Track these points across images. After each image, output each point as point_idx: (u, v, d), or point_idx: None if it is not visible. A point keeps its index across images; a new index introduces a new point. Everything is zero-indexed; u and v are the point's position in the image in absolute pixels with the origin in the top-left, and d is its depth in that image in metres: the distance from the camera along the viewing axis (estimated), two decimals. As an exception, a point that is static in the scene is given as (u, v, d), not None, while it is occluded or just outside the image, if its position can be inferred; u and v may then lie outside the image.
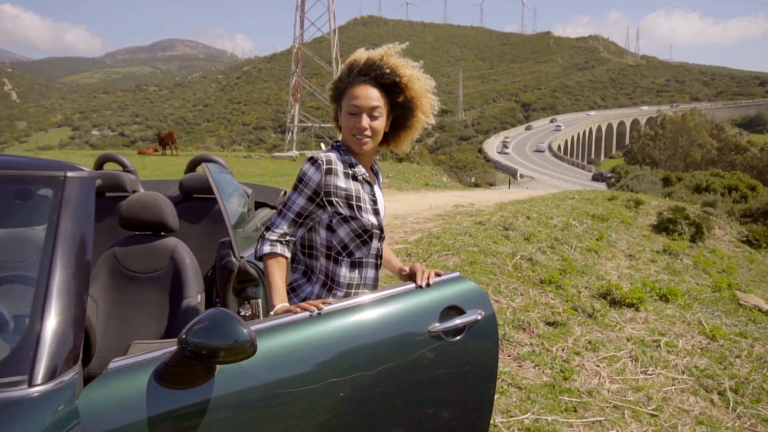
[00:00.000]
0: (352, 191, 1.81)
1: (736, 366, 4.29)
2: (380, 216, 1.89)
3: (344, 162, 1.82)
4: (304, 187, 1.78)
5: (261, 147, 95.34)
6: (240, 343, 1.25)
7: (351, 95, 1.82)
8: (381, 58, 1.86)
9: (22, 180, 1.49)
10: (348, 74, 1.86)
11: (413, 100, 1.88)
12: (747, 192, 22.71)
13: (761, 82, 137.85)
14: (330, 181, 1.77)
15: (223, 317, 1.28)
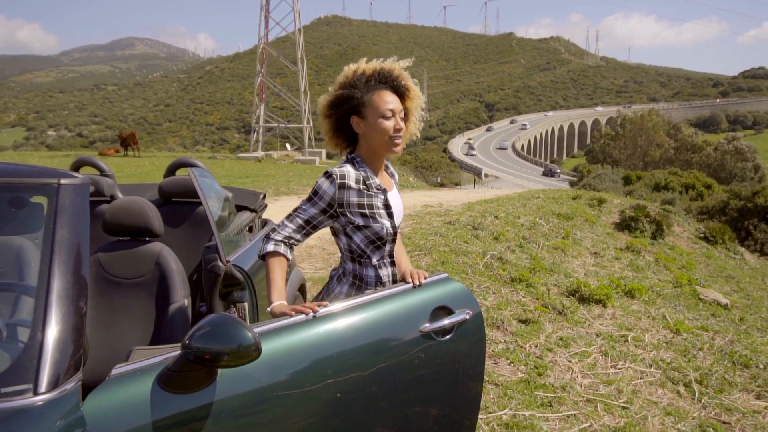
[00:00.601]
0: (365, 203, 1.89)
1: (699, 358, 4.46)
2: (394, 219, 1.96)
3: (358, 175, 1.90)
4: (318, 200, 1.87)
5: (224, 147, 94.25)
6: (245, 347, 1.28)
7: (381, 101, 1.90)
8: (393, 69, 1.97)
9: (15, 188, 1.48)
10: (366, 84, 1.93)
11: (411, 111, 1.99)
12: (703, 190, 23.47)
13: (714, 83, 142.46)
14: (343, 194, 1.86)
15: (228, 321, 1.30)
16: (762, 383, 4.09)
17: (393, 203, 1.98)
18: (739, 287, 9.86)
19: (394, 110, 1.91)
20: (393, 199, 2.00)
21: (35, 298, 1.32)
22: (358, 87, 1.94)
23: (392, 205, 1.96)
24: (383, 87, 1.93)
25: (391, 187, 2.04)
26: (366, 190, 1.91)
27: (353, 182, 1.89)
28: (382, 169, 2.04)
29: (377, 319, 1.72)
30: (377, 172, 1.99)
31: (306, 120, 29.84)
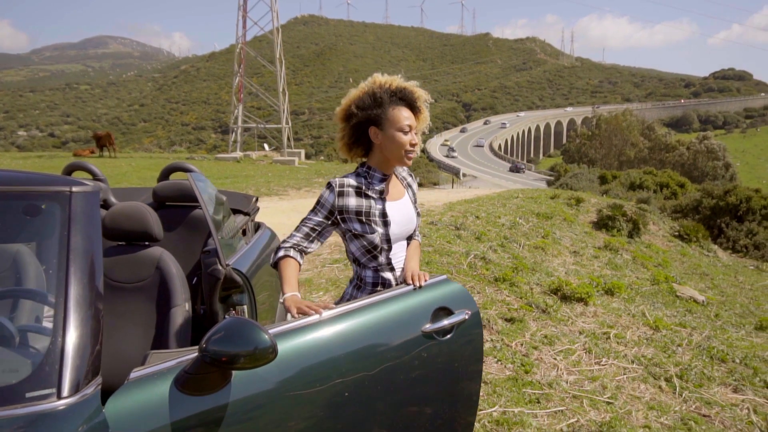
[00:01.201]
0: (363, 210, 2.00)
1: (678, 354, 4.60)
2: (389, 228, 2.04)
3: (360, 183, 2.03)
4: (320, 209, 2.01)
5: (201, 148, 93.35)
6: (262, 349, 1.32)
7: (401, 116, 2.03)
8: (415, 90, 2.09)
9: (29, 196, 1.50)
10: (390, 97, 2.04)
11: (419, 126, 2.12)
12: (677, 189, 23.92)
13: (686, 84, 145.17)
14: (342, 201, 1.99)
15: (244, 324, 1.34)
16: (739, 377, 4.24)
17: (393, 212, 2.06)
18: (713, 284, 10.12)
19: (411, 126, 2.03)
20: (394, 207, 2.08)
21: (54, 304, 1.34)
22: (383, 99, 2.04)
23: (391, 214, 2.05)
24: (403, 103, 2.05)
25: (399, 196, 2.13)
26: (365, 198, 2.02)
27: (353, 190, 2.01)
28: (393, 179, 2.15)
29: (381, 320, 1.77)
30: (387, 181, 2.09)
31: (285, 120, 29.73)
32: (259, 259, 2.80)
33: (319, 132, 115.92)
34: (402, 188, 2.17)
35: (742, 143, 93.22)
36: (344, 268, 6.17)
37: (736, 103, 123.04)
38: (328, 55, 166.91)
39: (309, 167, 24.99)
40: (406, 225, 2.11)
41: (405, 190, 2.18)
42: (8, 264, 1.74)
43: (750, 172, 73.29)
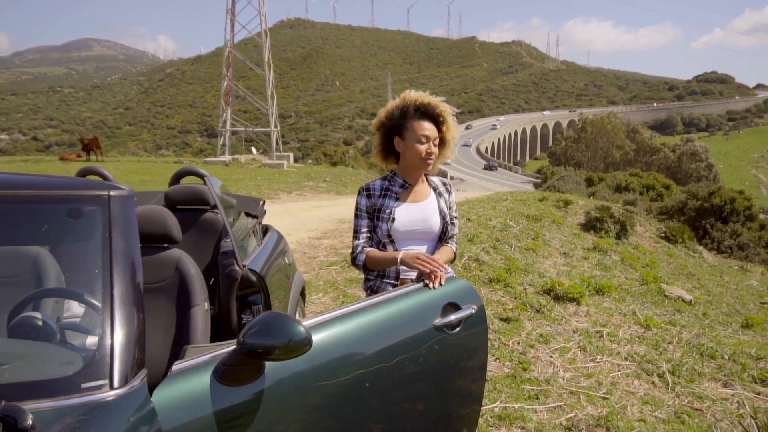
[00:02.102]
0: (377, 205, 2.31)
1: (669, 351, 4.73)
2: (392, 223, 2.28)
3: (383, 184, 2.34)
4: (361, 213, 2.33)
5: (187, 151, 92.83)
6: (298, 341, 1.41)
7: (419, 128, 2.28)
8: (429, 101, 2.32)
9: (71, 199, 1.58)
10: (414, 111, 2.30)
11: (447, 139, 2.34)
12: (662, 191, 24.25)
13: (670, 87, 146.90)
14: (371, 201, 2.32)
15: (280, 318, 1.43)
16: (728, 373, 4.38)
17: (402, 212, 2.29)
18: (700, 284, 10.32)
19: (428, 137, 2.27)
20: (407, 209, 2.31)
21: (101, 302, 1.43)
22: (407, 112, 2.30)
23: (398, 214, 2.29)
24: (424, 117, 2.29)
25: (419, 199, 2.34)
26: (383, 198, 2.31)
27: (377, 190, 2.32)
28: (421, 182, 2.38)
29: (397, 315, 1.89)
30: (413, 184, 2.34)
31: (273, 124, 29.74)
32: (271, 260, 2.89)
33: (306, 135, 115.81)
34: (427, 194, 2.37)
35: (725, 145, 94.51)
36: (341, 270, 6.26)
37: (718, 106, 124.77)
38: (314, 59, 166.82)
39: (298, 171, 25.02)
40: (414, 226, 2.30)
41: (430, 196, 2.37)
42: (29, 266, 1.82)
43: (732, 174, 74.33)
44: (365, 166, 39.44)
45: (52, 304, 1.66)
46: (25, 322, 1.51)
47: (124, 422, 1.26)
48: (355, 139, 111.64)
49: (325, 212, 11.38)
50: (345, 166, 29.62)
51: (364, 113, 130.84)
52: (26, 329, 1.50)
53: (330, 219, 10.18)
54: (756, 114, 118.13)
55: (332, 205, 13.18)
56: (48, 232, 1.59)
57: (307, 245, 7.67)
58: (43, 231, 1.59)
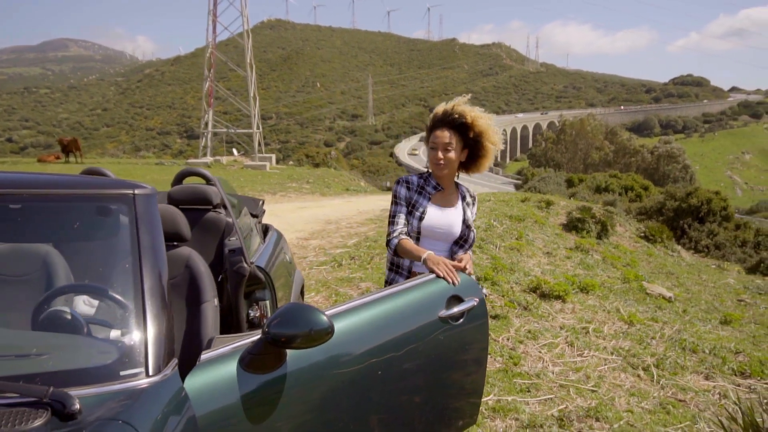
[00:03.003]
0: (413, 200, 2.51)
1: (653, 346, 4.89)
2: (421, 222, 2.48)
3: (420, 181, 2.55)
4: (400, 201, 2.52)
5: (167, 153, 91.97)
6: (320, 329, 1.50)
7: (432, 135, 2.52)
8: (452, 107, 2.50)
9: (100, 198, 1.65)
10: (433, 121, 2.54)
11: (481, 134, 2.46)
12: (641, 191, 24.65)
13: (647, 89, 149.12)
14: (409, 194, 2.53)
15: (303, 308, 1.52)
16: (709, 366, 4.54)
17: (433, 213, 2.49)
18: (679, 282, 10.56)
19: (437, 144, 2.48)
20: (437, 211, 2.51)
21: (133, 295, 1.50)
22: (434, 122, 2.54)
23: (430, 214, 2.48)
24: (440, 125, 2.49)
25: (448, 205, 2.55)
26: (419, 194, 2.51)
27: (415, 185, 2.54)
28: (453, 193, 2.60)
29: (406, 306, 2.00)
30: (444, 187, 2.56)
31: (256, 125, 29.67)
32: (275, 258, 2.96)
33: (287, 137, 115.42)
34: (455, 201, 2.58)
35: (701, 147, 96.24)
36: (331, 269, 6.34)
37: (694, 108, 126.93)
38: (295, 60, 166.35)
39: (281, 172, 25.00)
40: (440, 228, 2.50)
41: (458, 204, 2.58)
42: (39, 264, 1.88)
43: (708, 175, 75.72)
44: (347, 167, 39.50)
45: (62, 300, 1.73)
46: (54, 315, 1.58)
47: (161, 407, 1.33)
48: (336, 141, 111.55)
49: (310, 213, 11.43)
50: (328, 167, 29.66)
51: (345, 114, 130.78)
52: (56, 323, 1.57)
53: (316, 220, 10.24)
54: (730, 116, 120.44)
55: (317, 207, 13.24)
56: (80, 229, 1.66)
57: (296, 246, 7.73)
58: (75, 228, 1.66)
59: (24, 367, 1.36)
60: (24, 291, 1.83)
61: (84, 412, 1.22)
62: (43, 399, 1.21)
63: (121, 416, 1.23)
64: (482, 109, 2.56)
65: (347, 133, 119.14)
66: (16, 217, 1.61)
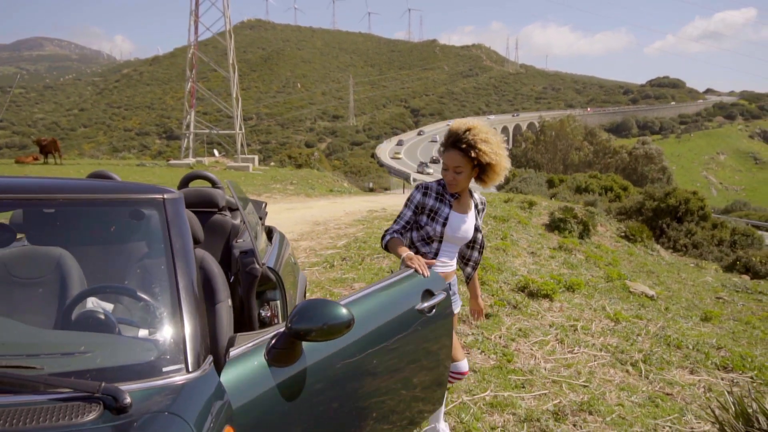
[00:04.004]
0: (435, 207, 2.66)
1: (639, 342, 5.04)
2: (444, 227, 2.66)
3: (439, 189, 2.69)
4: (411, 204, 2.70)
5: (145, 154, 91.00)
6: (343, 322, 1.60)
7: (444, 155, 2.66)
8: (464, 131, 2.60)
9: (133, 202, 1.72)
10: (446, 140, 2.66)
11: (488, 164, 2.60)
12: (620, 192, 25.02)
13: (625, 91, 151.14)
14: (424, 200, 2.67)
15: (324, 303, 1.63)
16: (693, 361, 4.71)
17: (453, 219, 2.67)
18: (660, 281, 10.80)
19: (448, 166, 2.64)
20: (456, 217, 2.69)
21: (170, 295, 1.57)
22: (443, 144, 2.69)
23: (450, 219, 2.66)
24: (451, 148, 2.62)
25: (464, 211, 2.73)
26: (440, 201, 2.67)
27: (434, 192, 2.68)
28: (466, 195, 2.76)
29: (392, 300, 2.18)
30: (461, 197, 2.72)
31: (238, 126, 29.56)
32: (282, 259, 3.04)
33: (267, 137, 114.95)
34: (469, 208, 2.76)
35: (678, 148, 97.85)
36: (323, 270, 6.41)
37: (671, 110, 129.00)
38: (275, 60, 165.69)
39: (264, 173, 24.95)
40: (459, 233, 2.70)
41: (472, 210, 2.78)
42: (52, 267, 1.95)
43: (685, 175, 77.03)
44: (330, 168, 39.51)
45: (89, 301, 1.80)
46: (88, 315, 1.65)
47: (203, 400, 1.41)
48: (317, 141, 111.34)
49: (298, 215, 11.48)
50: (311, 168, 29.65)
51: (326, 115, 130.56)
52: (90, 322, 1.64)
53: (304, 221, 10.29)
54: (706, 118, 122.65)
55: (304, 208, 13.29)
56: (116, 232, 1.73)
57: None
58: (111, 231, 1.73)
59: (72, 364, 1.42)
60: (42, 292, 1.89)
61: (134, 406, 1.29)
62: (95, 393, 1.29)
63: (169, 409, 1.31)
64: (493, 131, 2.66)
65: (328, 134, 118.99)
66: (53, 221, 1.68)
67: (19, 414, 1.23)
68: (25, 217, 1.82)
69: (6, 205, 1.77)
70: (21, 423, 1.20)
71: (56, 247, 1.93)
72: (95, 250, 1.80)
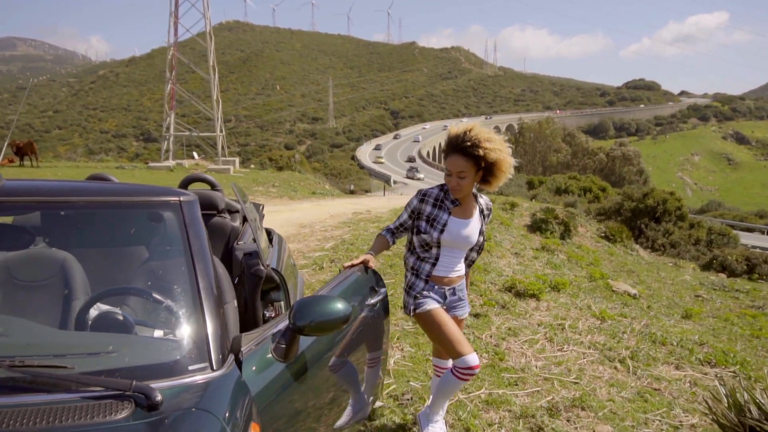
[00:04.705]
0: (433, 214, 2.69)
1: (626, 339, 5.16)
2: (442, 234, 2.67)
3: (439, 195, 2.71)
4: (408, 208, 2.78)
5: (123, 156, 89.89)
6: (343, 316, 1.70)
7: (447, 161, 2.65)
8: (465, 133, 2.60)
9: (151, 205, 1.75)
10: (448, 146, 2.67)
11: (493, 164, 2.58)
12: (599, 193, 25.37)
13: (602, 93, 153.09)
14: (421, 206, 2.71)
15: (322, 299, 1.70)
16: (678, 357, 4.84)
17: (453, 225, 2.68)
18: (640, 280, 11.00)
19: (451, 171, 2.62)
20: (457, 222, 2.69)
21: (191, 296, 1.61)
22: (447, 148, 2.68)
23: (450, 226, 2.67)
24: (453, 151, 2.61)
25: (466, 216, 2.72)
26: (438, 208, 2.69)
27: (432, 199, 2.71)
28: (470, 204, 2.76)
29: (352, 294, 2.37)
30: (462, 203, 2.72)
31: (219, 128, 29.39)
32: (283, 261, 3.08)
33: (246, 140, 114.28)
34: (474, 212, 2.77)
35: (653, 149, 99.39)
36: (313, 272, 6.44)
37: (647, 112, 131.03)
38: (254, 62, 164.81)
39: (245, 175, 24.83)
40: (459, 239, 2.70)
41: (476, 215, 2.78)
42: (56, 270, 1.97)
43: (660, 176, 78.28)
44: (310, 170, 39.41)
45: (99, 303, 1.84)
46: (107, 317, 1.68)
47: (229, 397, 1.45)
48: (297, 144, 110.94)
49: (283, 217, 11.48)
50: (292, 170, 29.57)
51: (306, 117, 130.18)
52: (109, 323, 1.66)
53: (290, 224, 10.30)
54: (680, 119, 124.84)
55: (288, 210, 13.28)
56: (135, 234, 1.76)
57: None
58: (132, 234, 1.75)
59: (101, 363, 1.45)
60: (48, 294, 1.91)
61: (165, 403, 1.33)
62: (127, 391, 1.32)
63: (199, 405, 1.35)
64: (495, 132, 2.69)
65: (308, 136, 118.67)
66: (72, 223, 1.70)
67: (56, 412, 1.25)
68: (43, 219, 1.84)
69: (25, 208, 1.78)
70: (58, 421, 1.23)
71: (60, 250, 1.96)
72: (114, 252, 1.82)
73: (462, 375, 2.66)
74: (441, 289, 2.78)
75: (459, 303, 2.89)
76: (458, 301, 2.88)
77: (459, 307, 2.90)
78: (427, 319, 2.71)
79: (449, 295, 2.81)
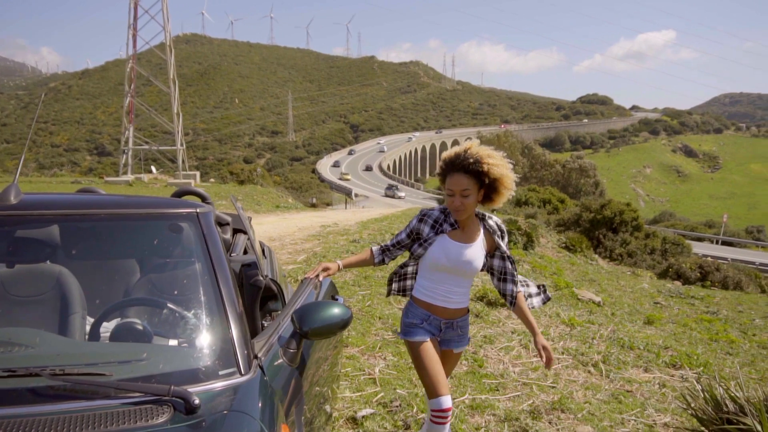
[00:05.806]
0: (426, 235, 2.56)
1: (596, 345, 5.36)
2: (438, 259, 2.54)
3: (438, 217, 2.57)
4: (407, 228, 2.66)
5: (75, 171, 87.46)
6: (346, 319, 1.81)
7: (448, 181, 2.50)
8: (465, 151, 2.49)
9: (170, 216, 1.80)
10: (448, 166, 2.51)
11: (496, 180, 2.49)
12: (558, 204, 26.01)
13: (557, 107, 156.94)
14: (419, 225, 2.60)
15: (324, 304, 1.80)
16: (646, 360, 5.06)
17: (450, 248, 2.51)
18: (602, 288, 11.34)
19: (453, 190, 2.47)
20: (454, 245, 2.52)
21: (216, 305, 1.67)
22: (445, 168, 2.54)
23: (444, 248, 2.52)
24: (455, 170, 2.48)
25: (468, 240, 2.55)
26: (437, 232, 2.54)
27: (432, 220, 2.58)
28: (475, 227, 2.60)
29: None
30: (462, 225, 2.56)
31: (180, 142, 29.02)
32: (276, 271, 3.14)
33: (205, 153, 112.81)
34: (476, 236, 2.58)
35: (607, 162, 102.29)
36: (293, 284, 6.46)
37: (600, 125, 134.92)
38: (212, 75, 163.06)
39: (207, 190, 24.53)
40: (460, 263, 2.52)
41: (479, 239, 2.59)
42: (53, 284, 2.00)
43: (615, 188, 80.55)
44: (272, 183, 39.16)
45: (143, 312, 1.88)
46: (127, 327, 1.72)
47: (260, 400, 1.52)
48: (256, 157, 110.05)
49: (251, 231, 11.41)
50: (254, 184, 29.36)
51: (265, 131, 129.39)
52: (128, 333, 1.71)
53: (258, 237, 10.26)
54: (632, 133, 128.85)
55: (255, 224, 13.14)
56: (158, 245, 1.81)
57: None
58: (154, 245, 1.80)
59: (136, 370, 1.50)
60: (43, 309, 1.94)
61: (202, 407, 1.39)
62: (165, 396, 1.37)
63: (235, 408, 1.41)
64: (494, 149, 2.57)
65: (267, 150, 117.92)
66: (101, 235, 1.74)
67: (99, 418, 1.30)
68: (62, 232, 1.86)
69: (45, 221, 1.81)
70: (103, 426, 1.28)
71: (56, 264, 1.98)
72: (133, 264, 1.86)
73: (434, 418, 2.48)
74: (437, 320, 2.59)
75: (457, 338, 2.70)
76: (457, 336, 2.69)
77: (456, 342, 2.71)
78: (413, 349, 2.57)
79: (445, 327, 2.62)
